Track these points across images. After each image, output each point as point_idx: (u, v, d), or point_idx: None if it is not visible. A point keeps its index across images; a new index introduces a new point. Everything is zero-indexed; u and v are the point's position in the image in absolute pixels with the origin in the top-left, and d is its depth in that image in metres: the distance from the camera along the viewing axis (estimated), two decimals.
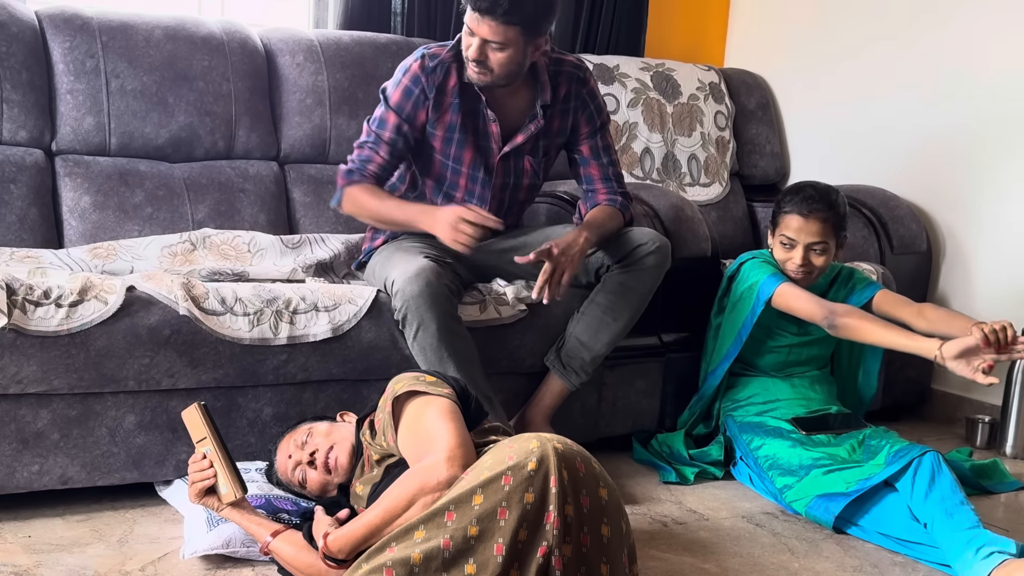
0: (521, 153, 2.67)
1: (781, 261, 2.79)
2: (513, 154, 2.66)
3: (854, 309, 2.64)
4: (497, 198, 2.69)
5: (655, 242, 2.63)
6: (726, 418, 2.88)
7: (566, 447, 1.70)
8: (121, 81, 2.90)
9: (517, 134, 2.64)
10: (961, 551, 2.18)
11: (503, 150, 2.63)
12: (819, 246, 2.73)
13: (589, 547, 1.67)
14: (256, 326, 2.33)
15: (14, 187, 2.74)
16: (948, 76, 3.57)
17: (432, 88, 2.56)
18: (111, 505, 2.33)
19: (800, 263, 2.73)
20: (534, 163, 2.71)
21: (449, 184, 2.67)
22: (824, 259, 2.76)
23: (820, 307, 2.66)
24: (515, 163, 2.68)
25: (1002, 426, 3.21)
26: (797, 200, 2.73)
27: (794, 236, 2.74)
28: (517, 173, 2.69)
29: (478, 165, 2.64)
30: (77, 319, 2.17)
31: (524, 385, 2.73)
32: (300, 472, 2.15)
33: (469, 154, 2.63)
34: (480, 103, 2.59)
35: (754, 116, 4.04)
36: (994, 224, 3.45)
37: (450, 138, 2.61)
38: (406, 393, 1.95)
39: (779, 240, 2.78)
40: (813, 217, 2.71)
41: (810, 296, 2.70)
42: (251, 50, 3.11)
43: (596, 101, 2.73)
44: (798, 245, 2.73)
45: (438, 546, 1.62)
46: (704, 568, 2.21)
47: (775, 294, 2.73)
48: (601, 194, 2.74)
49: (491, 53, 2.45)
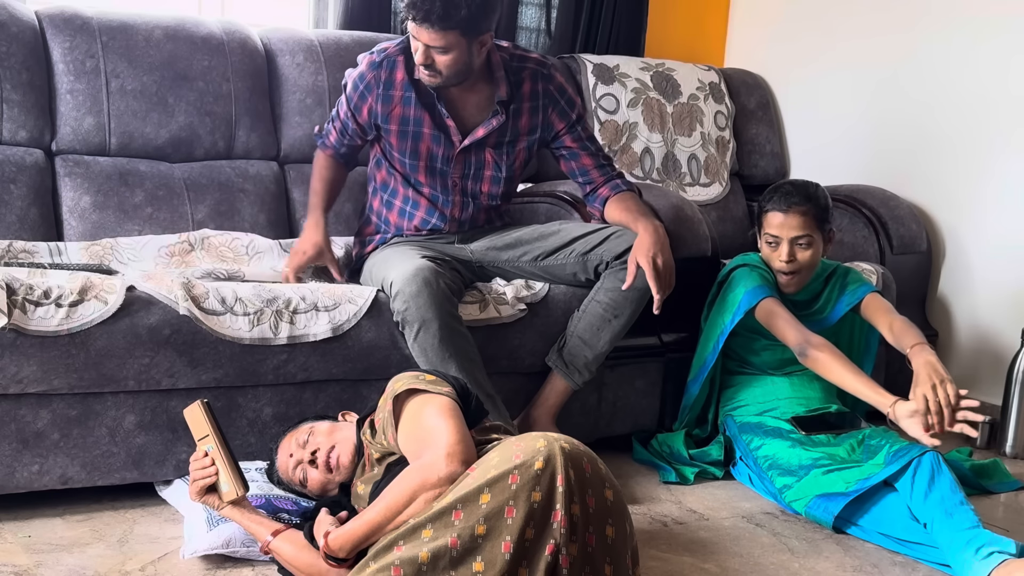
0: (483, 146, 2.70)
1: (769, 260, 2.80)
2: (474, 147, 2.69)
3: (828, 345, 2.65)
4: (459, 187, 2.73)
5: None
6: (726, 418, 2.88)
7: (573, 447, 1.71)
8: (121, 81, 2.90)
9: (478, 128, 2.67)
10: (961, 551, 2.18)
11: (463, 143, 2.67)
12: (803, 240, 2.74)
13: (594, 547, 1.67)
14: (256, 326, 2.33)
15: (14, 187, 2.74)
16: (948, 76, 3.57)
17: (379, 84, 2.64)
18: (111, 505, 2.33)
19: (786, 259, 2.75)
20: (496, 155, 2.73)
21: (413, 177, 2.72)
22: (810, 253, 2.76)
23: (797, 333, 2.68)
24: (476, 156, 2.71)
25: (1002, 426, 3.21)
26: (776, 197, 2.76)
27: (777, 232, 2.75)
28: (478, 165, 2.72)
29: (436, 157, 2.69)
30: (77, 319, 2.17)
31: (524, 384, 2.73)
32: (301, 471, 2.15)
33: (425, 147, 2.67)
34: (434, 98, 2.64)
35: (754, 116, 4.04)
36: (994, 224, 3.45)
37: (405, 131, 2.66)
38: (406, 391, 1.95)
39: (765, 240, 2.80)
40: (793, 211, 2.73)
41: (790, 319, 2.71)
42: (251, 50, 3.11)
43: (566, 95, 2.77)
44: (782, 241, 2.75)
45: (445, 544, 1.62)
46: (704, 568, 2.21)
47: (758, 307, 2.75)
48: (601, 180, 2.79)
49: (436, 56, 2.52)
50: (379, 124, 2.67)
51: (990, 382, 3.43)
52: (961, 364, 3.55)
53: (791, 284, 2.80)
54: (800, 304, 2.85)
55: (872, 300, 2.81)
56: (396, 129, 2.66)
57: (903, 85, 3.70)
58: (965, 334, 3.54)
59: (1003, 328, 3.40)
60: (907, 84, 3.69)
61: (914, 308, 3.55)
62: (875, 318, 2.78)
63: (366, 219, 2.84)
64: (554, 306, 2.69)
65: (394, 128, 2.66)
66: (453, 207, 2.73)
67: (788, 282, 2.79)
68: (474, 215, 2.77)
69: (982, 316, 3.51)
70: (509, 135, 2.72)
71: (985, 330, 3.49)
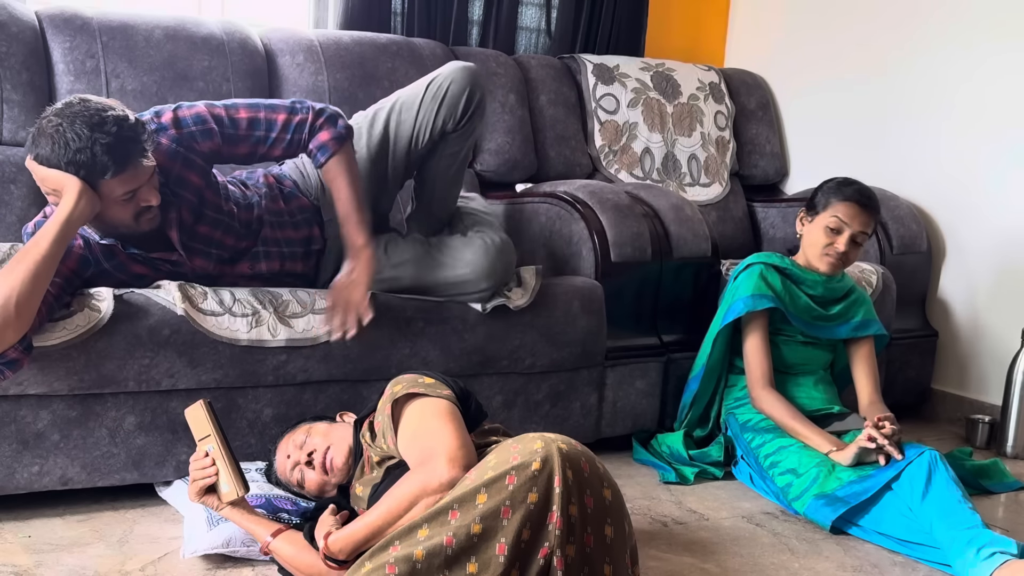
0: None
1: (819, 245, 2.81)
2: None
3: (780, 397, 2.73)
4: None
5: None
6: (728, 416, 2.89)
7: (570, 447, 1.70)
8: (121, 81, 2.90)
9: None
10: (962, 551, 2.18)
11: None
12: (861, 237, 2.80)
13: (593, 547, 1.67)
14: (254, 327, 2.33)
15: (14, 187, 2.74)
16: (948, 76, 3.57)
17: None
18: (111, 505, 2.33)
19: (843, 248, 2.78)
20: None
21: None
22: (857, 252, 2.83)
23: (759, 371, 2.76)
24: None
25: (1002, 426, 3.21)
26: (852, 190, 2.80)
27: (847, 220, 2.78)
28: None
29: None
30: (74, 328, 2.16)
31: (524, 385, 2.73)
32: (299, 472, 2.15)
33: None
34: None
35: (754, 116, 4.04)
36: (994, 224, 3.45)
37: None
38: (405, 395, 1.95)
39: (826, 224, 2.79)
40: (870, 208, 2.79)
41: (762, 355, 2.78)
42: (251, 50, 3.11)
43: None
44: (847, 231, 2.78)
45: (441, 543, 1.62)
46: (704, 568, 2.21)
47: (745, 318, 2.80)
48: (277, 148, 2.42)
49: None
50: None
51: (990, 382, 3.44)
52: (961, 364, 3.55)
53: (836, 268, 2.83)
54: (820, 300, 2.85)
55: (866, 348, 2.89)
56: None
57: (903, 85, 3.70)
58: (965, 334, 3.54)
59: (1003, 328, 3.40)
60: (907, 84, 3.69)
61: (914, 308, 3.55)
62: (855, 368, 2.89)
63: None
64: (555, 306, 2.69)
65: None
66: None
67: (836, 264, 2.81)
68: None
69: (982, 316, 3.51)
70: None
71: (985, 330, 3.49)
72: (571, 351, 2.75)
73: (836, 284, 2.87)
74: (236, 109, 2.36)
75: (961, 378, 3.57)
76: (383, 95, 3.21)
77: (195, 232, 2.35)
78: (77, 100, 2.12)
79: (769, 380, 2.77)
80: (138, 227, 2.22)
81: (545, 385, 2.77)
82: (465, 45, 3.70)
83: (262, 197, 2.50)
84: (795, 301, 2.82)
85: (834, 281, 2.87)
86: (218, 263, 2.40)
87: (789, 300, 2.81)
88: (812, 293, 2.85)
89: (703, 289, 3.00)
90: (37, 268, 2.03)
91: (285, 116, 2.38)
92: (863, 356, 2.88)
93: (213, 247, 2.38)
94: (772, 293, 2.79)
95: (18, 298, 2.00)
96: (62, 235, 2.07)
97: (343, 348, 2.43)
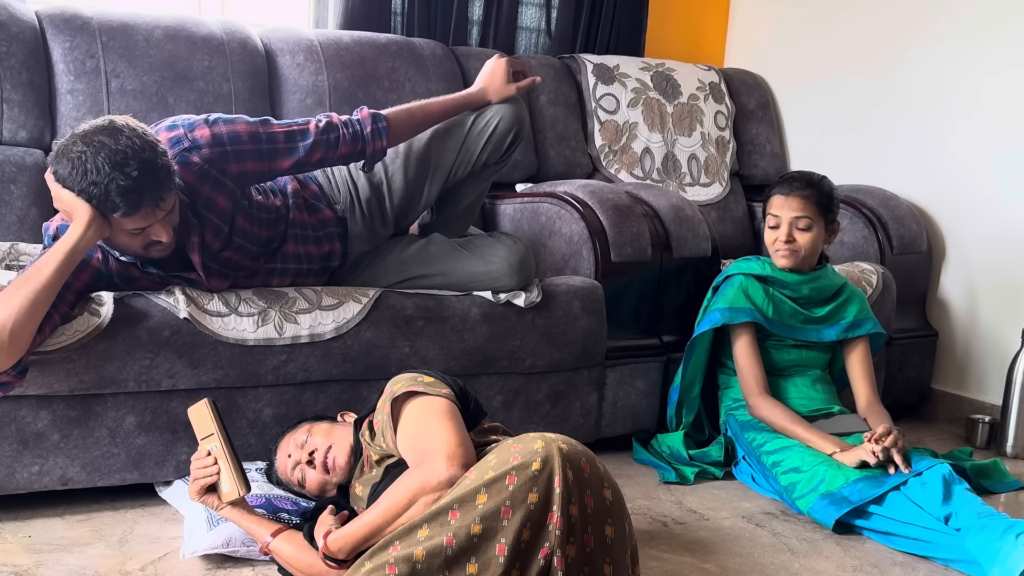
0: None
1: (769, 244, 2.85)
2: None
3: (777, 403, 2.74)
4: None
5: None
6: (728, 417, 2.89)
7: (571, 447, 1.71)
8: (121, 81, 2.90)
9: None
10: (998, 539, 2.16)
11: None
12: (802, 221, 2.80)
13: (593, 547, 1.67)
14: (261, 326, 2.33)
15: (14, 187, 2.74)
16: (949, 76, 3.57)
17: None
18: (111, 505, 2.33)
19: (785, 239, 2.80)
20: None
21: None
22: (810, 237, 2.81)
23: (752, 380, 2.77)
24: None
25: (1002, 426, 3.21)
26: (779, 182, 2.88)
27: (777, 212, 2.82)
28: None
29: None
30: (73, 334, 2.16)
31: (524, 385, 2.73)
32: (299, 472, 2.15)
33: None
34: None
35: (754, 116, 4.04)
36: (994, 224, 3.45)
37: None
38: (404, 394, 1.95)
39: (768, 224, 2.86)
40: (794, 194, 2.81)
41: (753, 362, 2.78)
42: (251, 50, 3.11)
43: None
44: (783, 221, 2.81)
45: (441, 543, 1.62)
46: (704, 568, 2.21)
47: (732, 329, 2.81)
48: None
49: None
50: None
51: (990, 382, 3.44)
52: (961, 364, 3.55)
53: (789, 258, 2.81)
54: (806, 302, 2.85)
55: (862, 349, 2.88)
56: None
57: (903, 85, 3.70)
58: (965, 334, 3.54)
59: (1003, 328, 3.40)
60: (907, 84, 3.69)
61: (914, 308, 3.55)
62: (851, 371, 2.88)
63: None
64: (555, 306, 2.69)
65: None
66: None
67: (787, 254, 2.81)
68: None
69: (982, 316, 3.51)
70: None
71: (985, 330, 3.49)
72: (571, 351, 2.75)
73: (824, 283, 2.87)
74: (270, 124, 2.35)
75: (961, 378, 3.57)
76: (383, 95, 3.23)
77: (218, 256, 2.34)
78: (110, 126, 2.04)
79: (763, 387, 2.77)
80: (147, 255, 2.22)
81: (545, 385, 2.77)
82: (465, 45, 3.70)
83: (289, 208, 2.49)
84: (779, 308, 2.82)
85: (821, 280, 2.86)
86: (234, 282, 2.41)
87: (773, 309, 2.81)
88: (797, 296, 2.85)
89: (703, 289, 3.00)
90: (36, 296, 2.02)
91: (313, 123, 2.39)
92: (858, 357, 2.88)
93: (231, 269, 2.38)
94: (752, 306, 2.79)
95: (13, 326, 1.99)
96: (66, 263, 2.07)
97: (343, 347, 2.43)
